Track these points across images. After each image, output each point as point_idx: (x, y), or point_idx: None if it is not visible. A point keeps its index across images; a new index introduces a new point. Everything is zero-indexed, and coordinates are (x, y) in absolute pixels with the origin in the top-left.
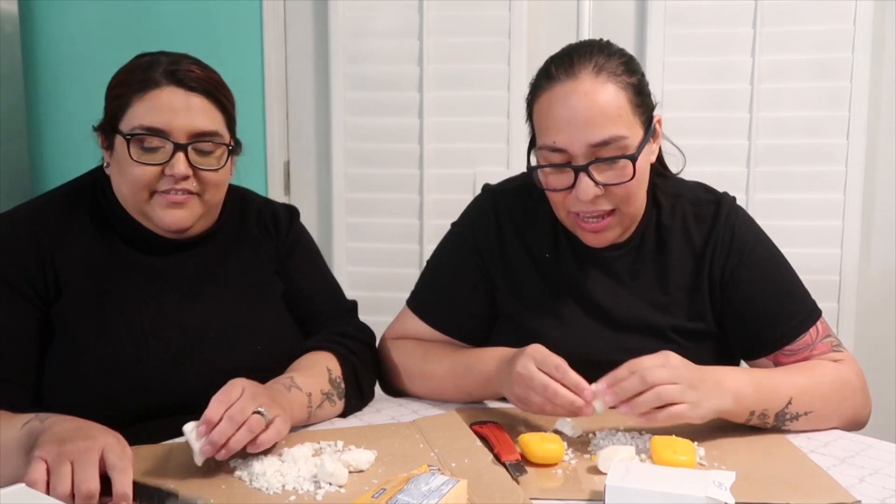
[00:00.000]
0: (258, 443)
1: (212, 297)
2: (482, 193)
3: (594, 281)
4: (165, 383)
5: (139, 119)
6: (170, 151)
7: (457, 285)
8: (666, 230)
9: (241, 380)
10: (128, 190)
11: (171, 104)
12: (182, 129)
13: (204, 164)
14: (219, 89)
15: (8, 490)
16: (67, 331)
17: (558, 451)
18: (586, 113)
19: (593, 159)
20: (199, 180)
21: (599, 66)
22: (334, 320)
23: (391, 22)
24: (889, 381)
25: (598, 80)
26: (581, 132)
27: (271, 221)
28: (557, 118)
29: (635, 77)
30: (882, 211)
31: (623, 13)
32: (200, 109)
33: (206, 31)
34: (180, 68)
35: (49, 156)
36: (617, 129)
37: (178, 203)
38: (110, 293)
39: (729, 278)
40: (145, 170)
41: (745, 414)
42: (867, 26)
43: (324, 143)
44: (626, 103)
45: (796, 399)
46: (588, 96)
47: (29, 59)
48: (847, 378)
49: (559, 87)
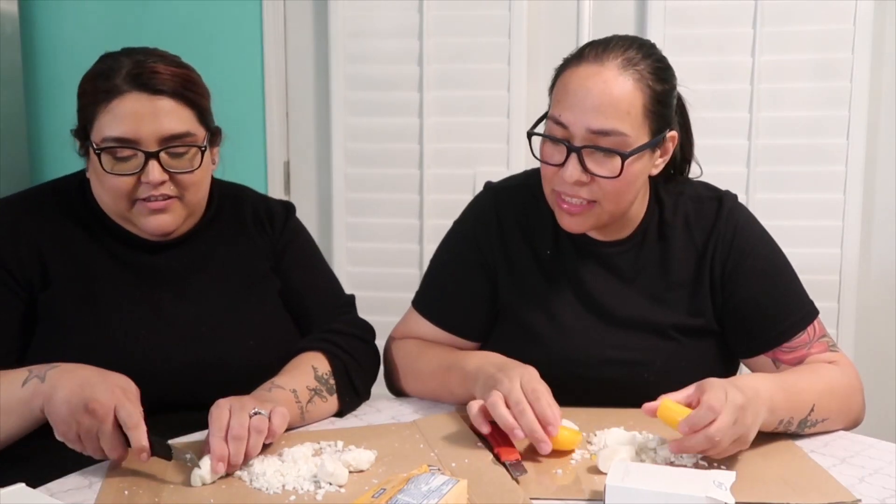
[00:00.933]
0: (272, 433)
1: (203, 292)
2: (483, 191)
3: (595, 278)
4: (154, 377)
5: (106, 130)
6: (142, 160)
7: (460, 283)
8: (668, 227)
9: (221, 400)
10: (108, 199)
11: (137, 111)
12: (151, 135)
13: (178, 166)
14: (186, 86)
15: (8, 490)
16: (54, 321)
17: (575, 437)
18: (598, 98)
19: (588, 144)
20: (175, 183)
21: (629, 59)
22: (329, 316)
23: (391, 22)
24: (889, 381)
25: (623, 75)
26: (586, 114)
27: (266, 218)
28: (570, 94)
29: (662, 86)
30: (882, 211)
31: (623, 13)
32: (168, 112)
33: (207, 31)
34: (143, 71)
35: (49, 156)
36: (620, 125)
37: (160, 209)
38: (100, 286)
39: (729, 275)
40: (120, 180)
41: (775, 423)
42: (867, 26)
43: (324, 143)
44: (639, 104)
45: (818, 406)
46: (606, 84)
47: (29, 59)
48: (851, 382)
49: (584, 66)
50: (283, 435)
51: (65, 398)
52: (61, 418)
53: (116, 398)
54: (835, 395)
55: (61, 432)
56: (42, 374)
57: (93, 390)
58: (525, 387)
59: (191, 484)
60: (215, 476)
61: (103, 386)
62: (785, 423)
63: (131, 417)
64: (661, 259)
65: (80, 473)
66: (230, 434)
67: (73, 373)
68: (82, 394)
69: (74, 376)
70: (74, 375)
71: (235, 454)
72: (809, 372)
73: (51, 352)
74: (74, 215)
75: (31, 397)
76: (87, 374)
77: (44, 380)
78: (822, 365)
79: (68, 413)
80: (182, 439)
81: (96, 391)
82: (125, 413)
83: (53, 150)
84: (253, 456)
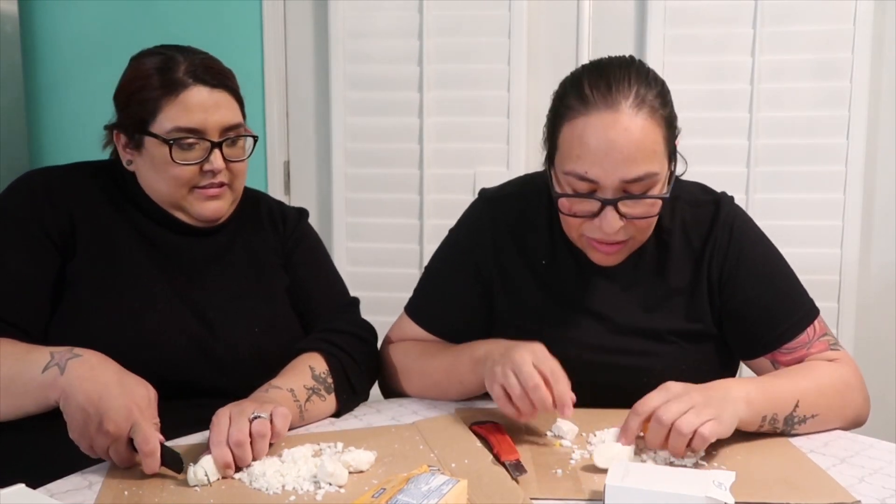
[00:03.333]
0: (276, 434)
1: (216, 280)
2: (478, 200)
3: (593, 285)
4: (164, 351)
5: (174, 121)
6: (206, 149)
7: (454, 292)
8: (665, 233)
9: (221, 409)
10: (167, 188)
11: (203, 103)
12: (215, 126)
13: (233, 155)
14: (231, 79)
15: (8, 490)
16: (76, 291)
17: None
18: (626, 149)
19: (622, 194)
20: (229, 171)
21: (640, 97)
22: (331, 316)
23: (391, 22)
24: (889, 381)
25: (640, 116)
26: (617, 168)
27: (280, 218)
28: (593, 149)
29: (668, 109)
30: (882, 211)
31: (623, 13)
32: (225, 104)
33: (206, 31)
34: (199, 66)
35: (49, 156)
36: (652, 167)
37: (215, 196)
38: (122, 261)
39: (727, 278)
40: (185, 169)
41: (758, 420)
42: (867, 26)
43: (324, 143)
44: (661, 139)
45: (802, 402)
46: (629, 132)
47: (29, 59)
48: (847, 378)
49: (596, 115)
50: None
51: (81, 405)
52: (76, 424)
53: (132, 418)
54: (822, 392)
55: (74, 437)
56: (63, 364)
57: (109, 405)
58: (541, 366)
59: (190, 484)
60: (215, 477)
61: (120, 401)
62: (769, 419)
63: (147, 444)
64: (659, 265)
65: (80, 474)
66: (231, 440)
67: (93, 374)
68: (99, 406)
69: (94, 381)
70: (94, 379)
71: (240, 459)
72: (794, 370)
73: (72, 321)
74: (106, 192)
75: (49, 387)
76: (107, 380)
77: (63, 371)
78: (812, 363)
79: (82, 423)
80: (183, 440)
81: (112, 407)
82: (141, 438)
83: (53, 149)
84: (259, 458)
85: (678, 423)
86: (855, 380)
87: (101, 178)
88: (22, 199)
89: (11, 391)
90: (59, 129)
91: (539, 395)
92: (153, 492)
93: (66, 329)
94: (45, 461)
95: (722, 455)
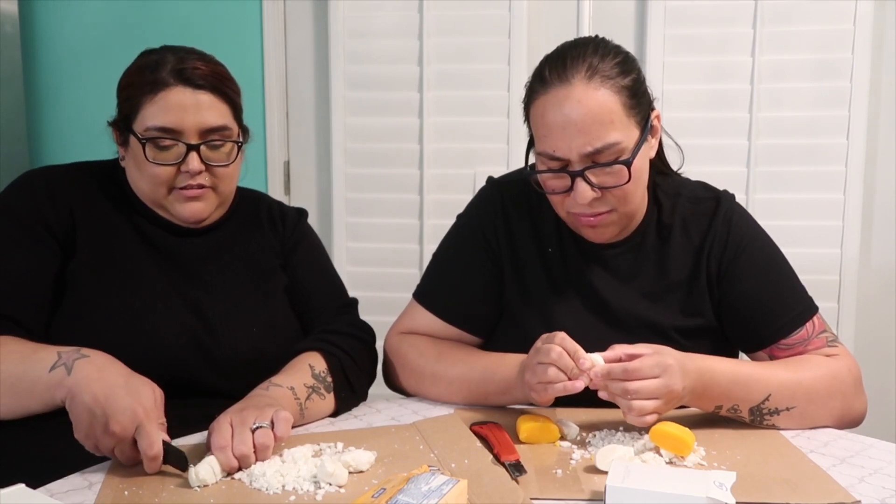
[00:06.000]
0: (278, 440)
1: (215, 279)
2: (487, 185)
3: (596, 277)
4: (163, 350)
5: (151, 120)
6: (183, 150)
7: (465, 276)
8: (666, 228)
9: (220, 416)
10: (146, 187)
11: (181, 103)
12: (193, 127)
13: (215, 159)
14: (224, 82)
15: (8, 490)
16: (78, 288)
17: (551, 431)
18: (579, 121)
19: (589, 164)
20: (211, 174)
21: (593, 68)
22: (329, 316)
23: (391, 22)
24: (889, 381)
25: (591, 86)
26: (575, 141)
27: (280, 218)
28: (552, 126)
29: (629, 77)
30: (882, 211)
31: (623, 13)
32: (209, 106)
33: (207, 31)
34: (186, 67)
35: (49, 156)
36: (610, 137)
37: (195, 197)
38: (121, 260)
39: (725, 272)
40: (161, 169)
41: (711, 406)
42: (867, 26)
43: (324, 143)
44: (619, 107)
45: (776, 394)
46: (581, 104)
47: (29, 59)
48: (837, 373)
49: (552, 92)
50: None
51: (87, 405)
52: (81, 425)
53: (138, 419)
54: (804, 386)
55: (79, 437)
56: (70, 364)
57: (115, 406)
58: (553, 341)
59: (190, 484)
60: (215, 477)
61: (126, 402)
62: (728, 409)
63: (152, 448)
64: (660, 260)
65: (80, 474)
66: (235, 454)
67: (100, 374)
68: (105, 407)
69: (101, 381)
70: (101, 380)
71: (244, 466)
72: (780, 363)
73: (73, 319)
74: (106, 191)
75: (56, 387)
76: (114, 381)
77: (70, 371)
78: (805, 357)
79: (88, 423)
80: (182, 440)
81: (118, 408)
82: (146, 443)
83: (53, 149)
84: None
85: (636, 390)
86: (847, 375)
87: (101, 178)
88: (24, 196)
89: (17, 390)
90: (59, 129)
91: (565, 362)
92: (153, 491)
93: (67, 327)
94: (46, 461)
95: (722, 455)
